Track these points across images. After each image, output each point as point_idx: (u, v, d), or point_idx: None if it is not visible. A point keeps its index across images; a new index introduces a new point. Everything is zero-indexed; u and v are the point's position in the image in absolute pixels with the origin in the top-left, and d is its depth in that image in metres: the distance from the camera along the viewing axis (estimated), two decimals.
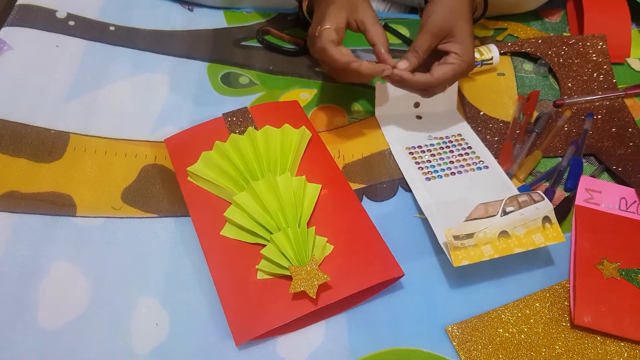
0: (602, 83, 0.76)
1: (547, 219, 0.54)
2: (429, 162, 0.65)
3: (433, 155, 0.66)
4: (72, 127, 0.66)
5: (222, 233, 0.55)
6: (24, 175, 0.60)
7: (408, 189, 0.63)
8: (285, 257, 0.51)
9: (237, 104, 0.71)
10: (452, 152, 0.66)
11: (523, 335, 0.52)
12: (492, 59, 0.76)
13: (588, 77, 0.77)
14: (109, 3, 0.82)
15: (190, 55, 0.77)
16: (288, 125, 0.61)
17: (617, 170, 0.65)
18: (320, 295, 0.50)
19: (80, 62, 0.73)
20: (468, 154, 0.66)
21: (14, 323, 0.50)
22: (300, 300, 0.50)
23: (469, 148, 0.67)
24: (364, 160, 0.66)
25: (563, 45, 0.80)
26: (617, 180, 0.65)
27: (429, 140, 0.68)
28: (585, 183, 0.63)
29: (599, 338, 0.52)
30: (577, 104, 0.74)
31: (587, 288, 0.53)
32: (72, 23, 0.78)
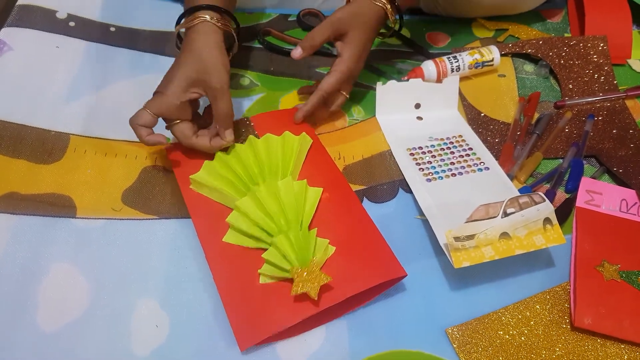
0: (603, 84, 0.76)
1: (547, 221, 0.54)
2: (430, 163, 0.65)
3: (434, 157, 0.66)
4: (72, 128, 0.66)
5: (224, 239, 0.55)
6: (24, 177, 0.60)
7: (409, 190, 0.63)
8: (287, 259, 0.51)
9: (237, 105, 0.70)
10: (452, 153, 0.66)
11: (523, 338, 0.52)
12: (492, 61, 0.76)
13: (589, 78, 0.77)
14: (110, 4, 0.82)
15: None
16: (289, 132, 0.61)
17: (617, 172, 0.65)
18: (323, 297, 0.50)
19: (81, 63, 0.73)
20: (469, 155, 0.66)
21: (14, 324, 0.50)
22: (303, 303, 0.50)
23: (470, 149, 0.67)
24: (365, 162, 0.66)
25: (564, 47, 0.79)
26: (617, 182, 0.65)
27: (430, 142, 0.68)
28: (586, 185, 0.63)
29: (599, 340, 0.51)
30: (578, 106, 0.74)
31: (587, 290, 0.53)
32: (72, 24, 0.78)
